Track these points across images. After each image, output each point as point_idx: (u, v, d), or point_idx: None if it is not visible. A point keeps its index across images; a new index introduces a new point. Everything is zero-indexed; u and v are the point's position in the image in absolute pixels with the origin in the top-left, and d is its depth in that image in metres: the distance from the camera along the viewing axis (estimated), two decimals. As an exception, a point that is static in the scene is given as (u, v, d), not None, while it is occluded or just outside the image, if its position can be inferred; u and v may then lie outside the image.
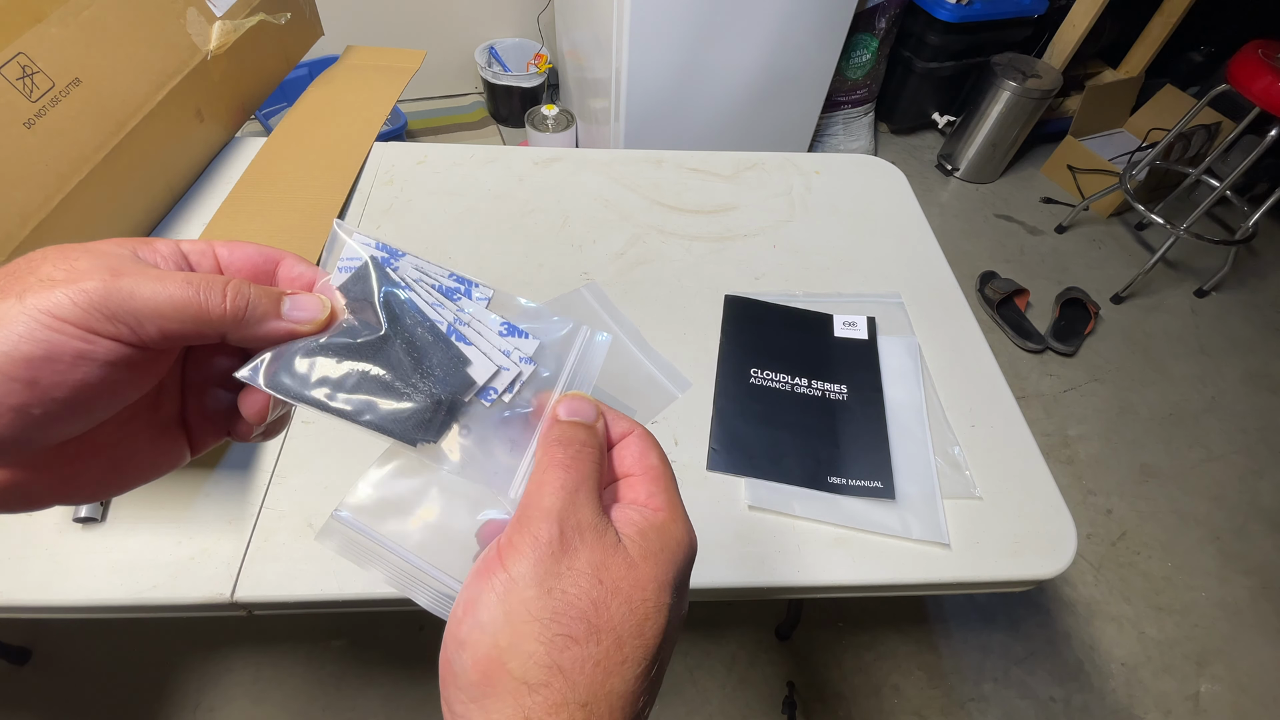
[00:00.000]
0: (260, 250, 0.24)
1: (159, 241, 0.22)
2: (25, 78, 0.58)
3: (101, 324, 0.18)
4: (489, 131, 2.09)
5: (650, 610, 0.19)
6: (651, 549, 0.20)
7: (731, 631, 1.15)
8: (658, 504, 0.22)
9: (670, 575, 0.20)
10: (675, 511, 0.22)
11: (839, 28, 1.67)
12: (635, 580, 0.19)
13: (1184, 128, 1.77)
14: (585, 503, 0.20)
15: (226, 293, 0.20)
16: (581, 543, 0.19)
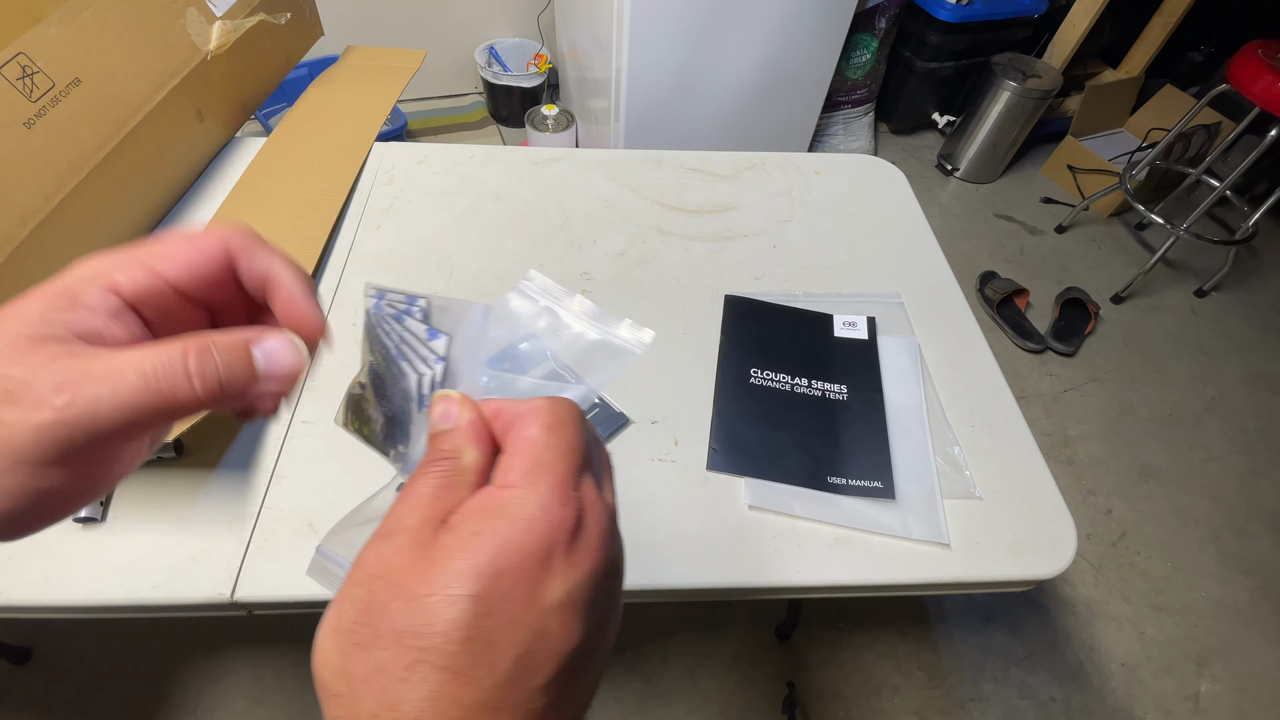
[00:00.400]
0: (204, 252, 0.20)
1: (90, 295, 0.18)
2: (25, 78, 0.58)
3: (80, 456, 0.17)
4: (489, 131, 2.09)
5: (437, 605, 0.16)
6: (463, 534, 0.17)
7: (731, 631, 1.15)
8: (510, 480, 0.18)
9: (470, 566, 0.16)
10: (530, 487, 0.18)
11: (839, 28, 1.67)
12: (423, 574, 0.16)
13: (1184, 128, 1.77)
14: (408, 510, 0.18)
15: (192, 374, 0.17)
16: (385, 545, 0.17)
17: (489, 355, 0.25)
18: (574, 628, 0.17)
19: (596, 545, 0.18)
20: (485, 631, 0.16)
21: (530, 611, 0.16)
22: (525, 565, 0.17)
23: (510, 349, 0.27)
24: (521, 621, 0.16)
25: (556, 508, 0.18)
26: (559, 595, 0.17)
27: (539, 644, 0.16)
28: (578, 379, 0.27)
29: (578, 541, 0.18)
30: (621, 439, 0.61)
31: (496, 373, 0.27)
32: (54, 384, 0.16)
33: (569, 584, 0.17)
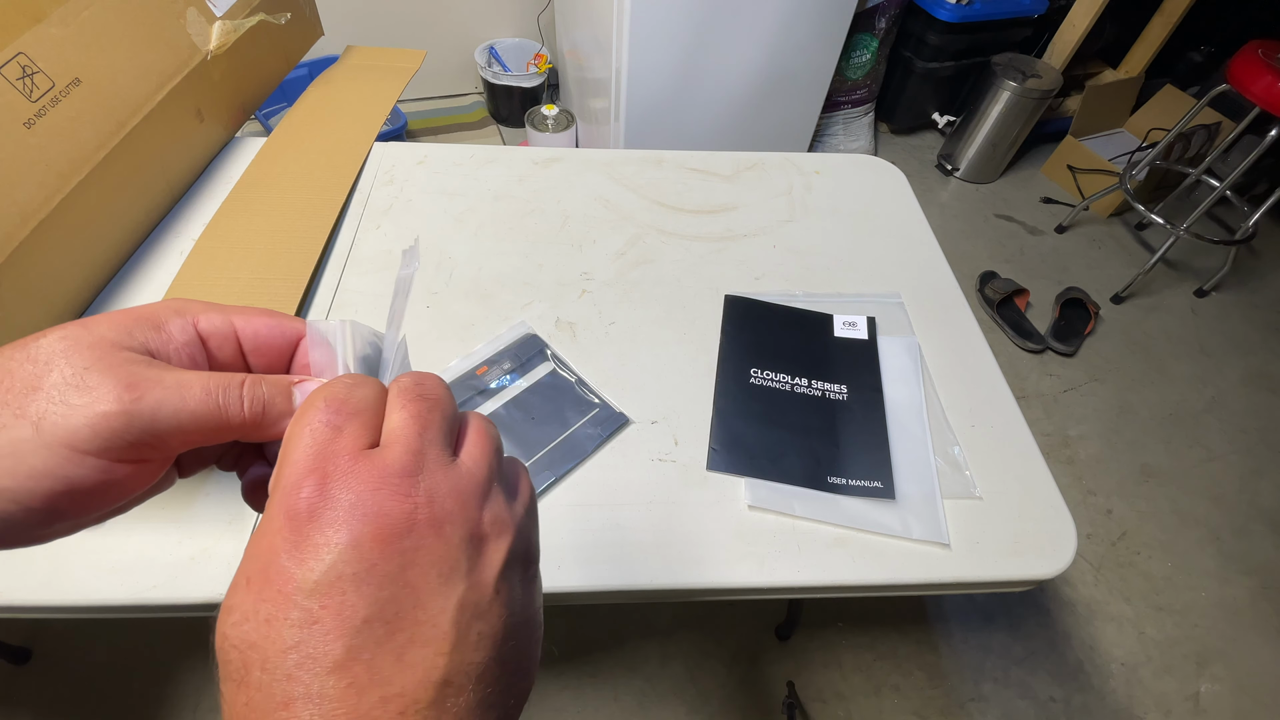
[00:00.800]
0: (278, 325, 0.23)
1: (173, 325, 0.21)
2: (25, 78, 0.58)
3: (124, 452, 0.18)
4: (489, 131, 2.09)
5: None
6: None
7: (731, 631, 1.15)
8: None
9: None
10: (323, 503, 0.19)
11: (839, 28, 1.67)
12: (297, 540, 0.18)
13: (1184, 128, 1.77)
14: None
15: (244, 398, 0.20)
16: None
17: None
18: (509, 530, 0.19)
19: (496, 452, 0.21)
20: (444, 520, 0.18)
21: (470, 507, 0.19)
22: (468, 469, 0.19)
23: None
24: (470, 516, 0.18)
25: (480, 446, 0.21)
26: (493, 510, 0.19)
27: (479, 541, 0.18)
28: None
29: (486, 445, 0.21)
30: (621, 439, 0.61)
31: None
32: (127, 382, 0.18)
33: (495, 497, 0.20)
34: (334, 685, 0.15)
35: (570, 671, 1.09)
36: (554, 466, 0.58)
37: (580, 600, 0.53)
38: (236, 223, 0.73)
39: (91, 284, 0.66)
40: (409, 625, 0.16)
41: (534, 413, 0.61)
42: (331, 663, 0.15)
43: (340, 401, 0.18)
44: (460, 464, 0.19)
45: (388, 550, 0.16)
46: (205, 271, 0.68)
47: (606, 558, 0.53)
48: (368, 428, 0.18)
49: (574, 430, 0.60)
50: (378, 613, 0.16)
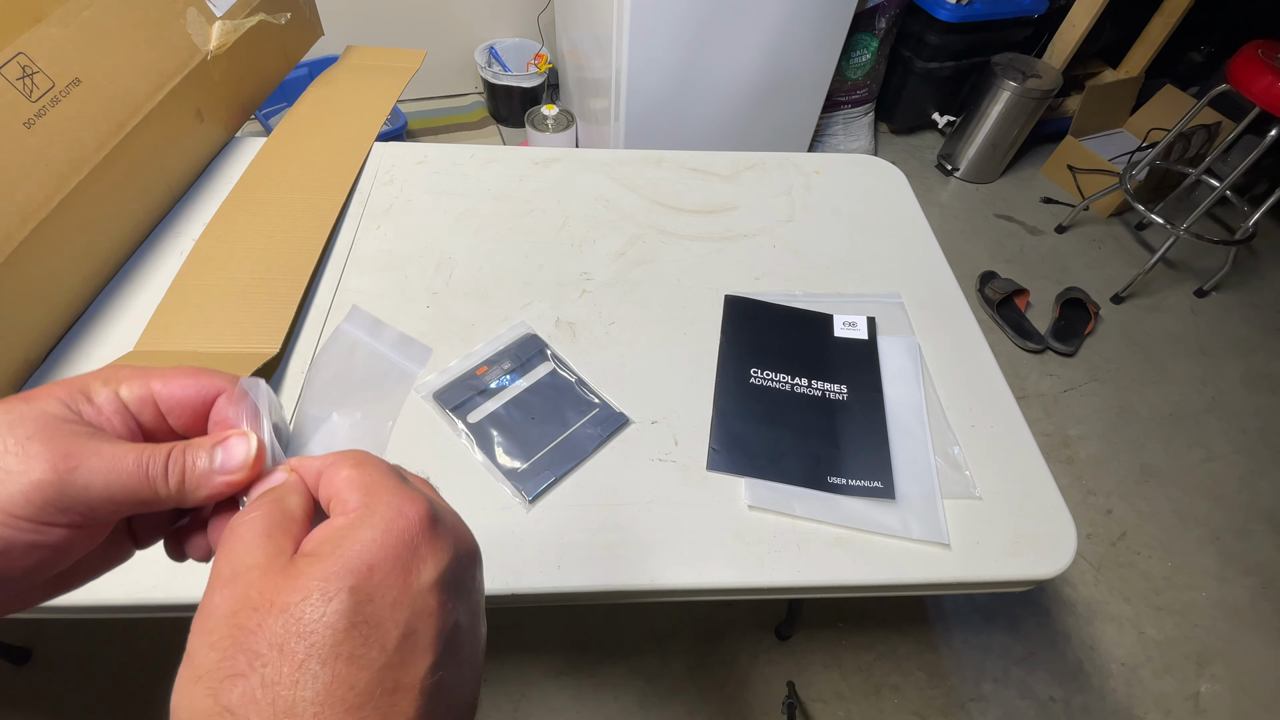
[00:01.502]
0: (194, 384, 0.23)
1: (100, 395, 0.22)
2: (25, 78, 0.58)
3: (55, 516, 0.19)
4: (489, 131, 2.09)
5: (315, 603, 0.16)
6: (324, 552, 0.18)
7: (731, 631, 1.15)
8: (350, 507, 0.20)
9: (341, 567, 0.17)
10: (373, 502, 0.19)
11: (839, 28, 1.67)
12: (292, 585, 0.17)
13: (1184, 128, 1.77)
14: (245, 552, 0.18)
15: (169, 469, 0.21)
16: (233, 587, 0.18)
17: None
18: (450, 605, 0.18)
19: (455, 531, 0.20)
20: (369, 616, 0.17)
21: (408, 593, 0.17)
22: (396, 556, 0.18)
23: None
24: (402, 603, 0.17)
25: (409, 506, 0.19)
26: (432, 575, 0.18)
27: (422, 621, 0.17)
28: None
29: (437, 528, 0.19)
30: (621, 439, 0.61)
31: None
32: (64, 452, 0.19)
33: (439, 565, 0.18)
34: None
35: (570, 671, 1.09)
36: (554, 466, 0.58)
37: (580, 600, 0.53)
38: (236, 223, 0.73)
39: (91, 284, 0.66)
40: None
41: (534, 413, 0.61)
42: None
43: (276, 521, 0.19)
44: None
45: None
46: (205, 271, 0.68)
47: (606, 558, 0.53)
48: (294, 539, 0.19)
49: (574, 430, 0.60)
50: (455, 624, 0.19)
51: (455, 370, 0.64)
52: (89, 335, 0.64)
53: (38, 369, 0.61)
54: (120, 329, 0.65)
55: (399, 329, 0.50)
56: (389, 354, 0.42)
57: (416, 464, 0.58)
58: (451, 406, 0.61)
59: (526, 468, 0.58)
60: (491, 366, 0.64)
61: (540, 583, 0.52)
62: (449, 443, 0.59)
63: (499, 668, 1.08)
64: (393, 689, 0.16)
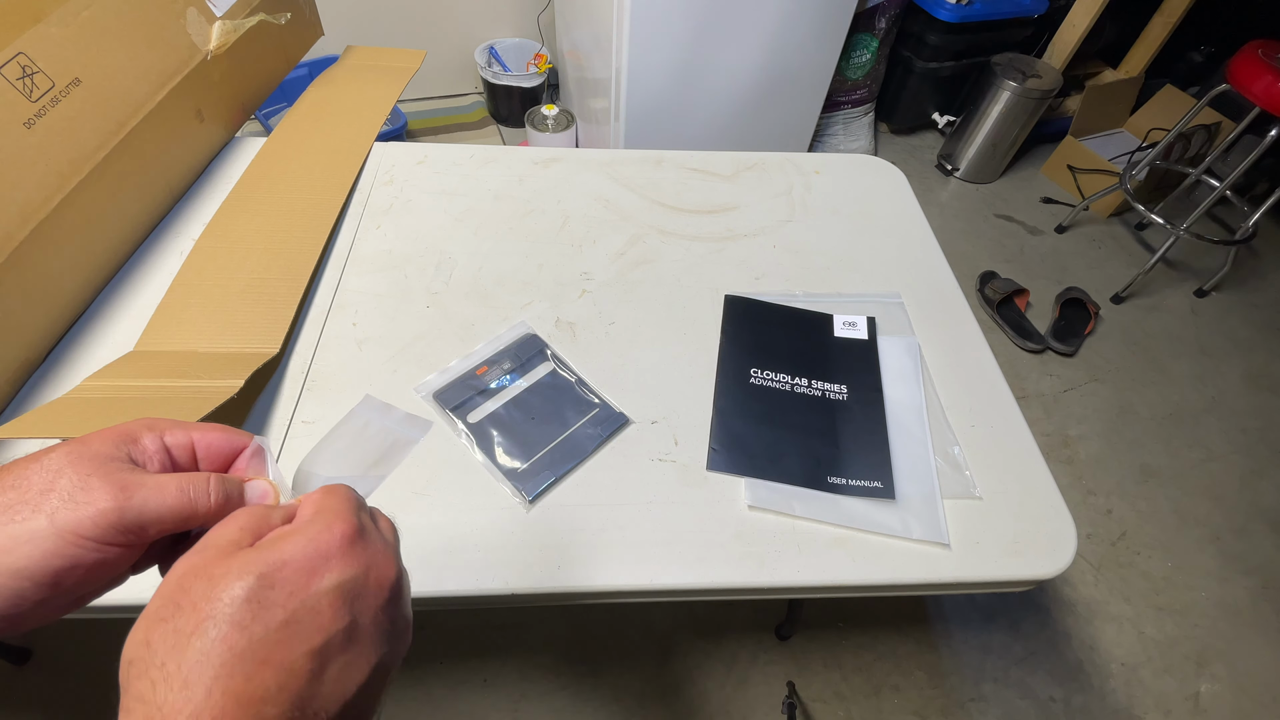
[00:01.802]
0: (226, 438, 0.28)
1: (146, 439, 0.26)
2: (25, 78, 0.58)
3: (115, 537, 0.23)
4: (489, 131, 2.09)
5: (230, 579, 0.21)
6: (261, 545, 0.23)
7: (731, 631, 1.15)
8: (299, 520, 0.24)
9: (260, 558, 0.22)
10: (309, 523, 0.24)
11: (839, 28, 1.67)
12: (224, 564, 0.21)
13: (1184, 128, 1.77)
14: (219, 535, 0.23)
15: (210, 494, 0.26)
16: (196, 556, 0.22)
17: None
18: (343, 611, 0.22)
19: (374, 556, 0.24)
20: (264, 598, 0.20)
21: (305, 589, 0.21)
22: (307, 559, 0.22)
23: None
24: (296, 595, 0.21)
25: (338, 524, 0.23)
26: (332, 582, 0.22)
27: (309, 616, 0.21)
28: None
29: (354, 548, 0.23)
30: (621, 439, 0.61)
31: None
32: (120, 485, 0.24)
33: (342, 575, 0.22)
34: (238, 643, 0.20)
35: (570, 671, 1.09)
36: (554, 466, 0.58)
37: (580, 600, 0.53)
38: (236, 223, 0.73)
39: (91, 284, 0.67)
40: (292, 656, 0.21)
41: (534, 413, 0.61)
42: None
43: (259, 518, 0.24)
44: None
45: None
46: (205, 271, 0.68)
47: (606, 558, 0.53)
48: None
49: (574, 430, 0.60)
50: (346, 627, 0.22)
51: (455, 370, 0.64)
52: (89, 335, 0.64)
53: (38, 369, 0.61)
54: (120, 329, 0.65)
55: (404, 409, 0.61)
56: (395, 429, 0.55)
57: (418, 464, 0.58)
58: (451, 406, 0.61)
59: (526, 468, 0.58)
60: (491, 366, 0.64)
61: (540, 583, 0.52)
62: (449, 443, 0.59)
63: (499, 668, 1.08)
64: (263, 660, 0.19)
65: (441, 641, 1.10)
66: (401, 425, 0.56)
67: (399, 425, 0.56)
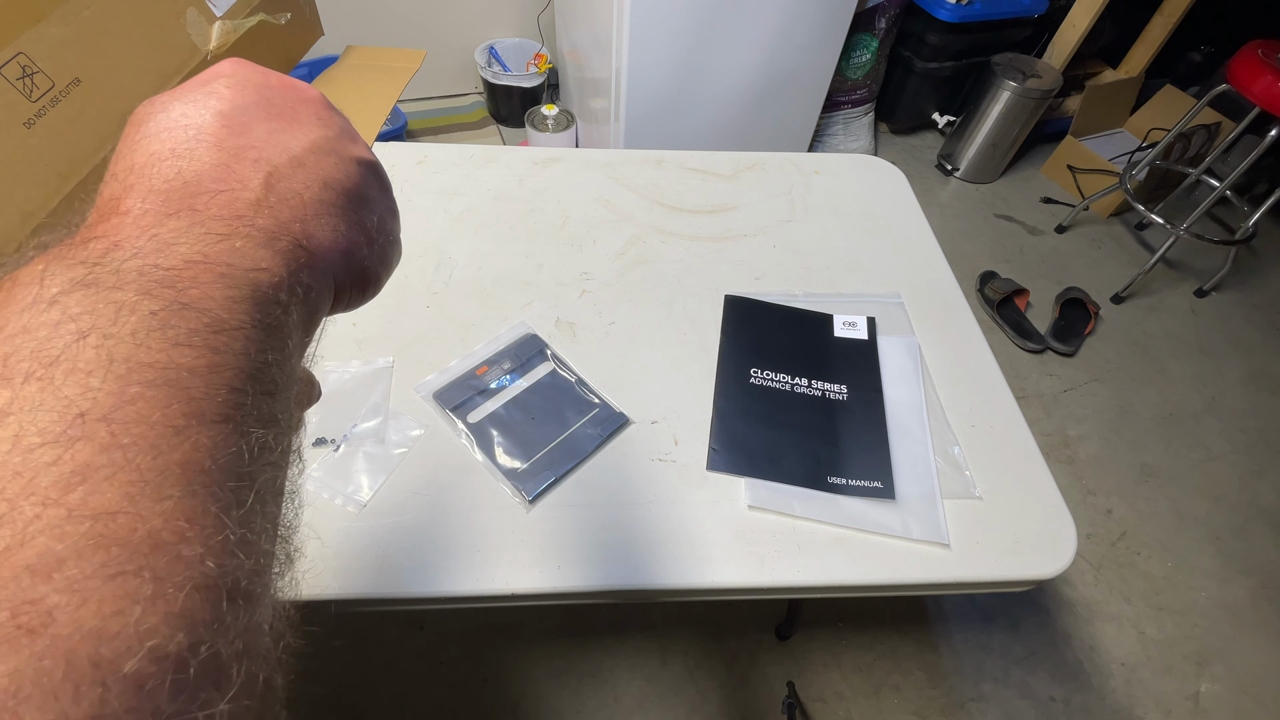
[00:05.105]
0: None
1: None
2: (25, 78, 0.58)
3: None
4: (489, 131, 2.09)
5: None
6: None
7: (731, 631, 1.15)
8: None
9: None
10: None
11: (839, 28, 1.67)
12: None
13: (1184, 128, 1.77)
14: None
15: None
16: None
17: None
18: (321, 103, 0.23)
19: (342, 126, 0.24)
20: (241, 74, 0.21)
21: (284, 81, 0.22)
22: (279, 75, 0.23)
23: None
24: (274, 80, 0.22)
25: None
26: (308, 90, 0.23)
27: (286, 89, 0.22)
28: None
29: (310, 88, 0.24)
30: (621, 439, 0.61)
31: None
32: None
33: (312, 91, 0.23)
34: (214, 130, 0.19)
35: (570, 671, 1.09)
36: (554, 466, 0.58)
37: (580, 600, 0.53)
38: (236, 223, 0.73)
39: (91, 284, 0.66)
40: (284, 119, 0.21)
41: (534, 413, 0.61)
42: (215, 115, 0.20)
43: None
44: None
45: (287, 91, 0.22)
46: (205, 271, 0.68)
47: (606, 558, 0.53)
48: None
49: (574, 430, 0.60)
50: (261, 101, 0.21)
51: (455, 370, 0.64)
52: (89, 335, 0.64)
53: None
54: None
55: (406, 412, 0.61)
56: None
57: (418, 464, 0.58)
58: (451, 406, 0.61)
59: (526, 468, 0.58)
60: (491, 366, 0.64)
61: (540, 583, 0.52)
62: (449, 443, 0.59)
63: (499, 668, 1.08)
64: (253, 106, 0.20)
65: (441, 641, 1.10)
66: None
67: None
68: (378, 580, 0.51)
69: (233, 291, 0.16)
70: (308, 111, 0.22)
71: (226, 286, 0.16)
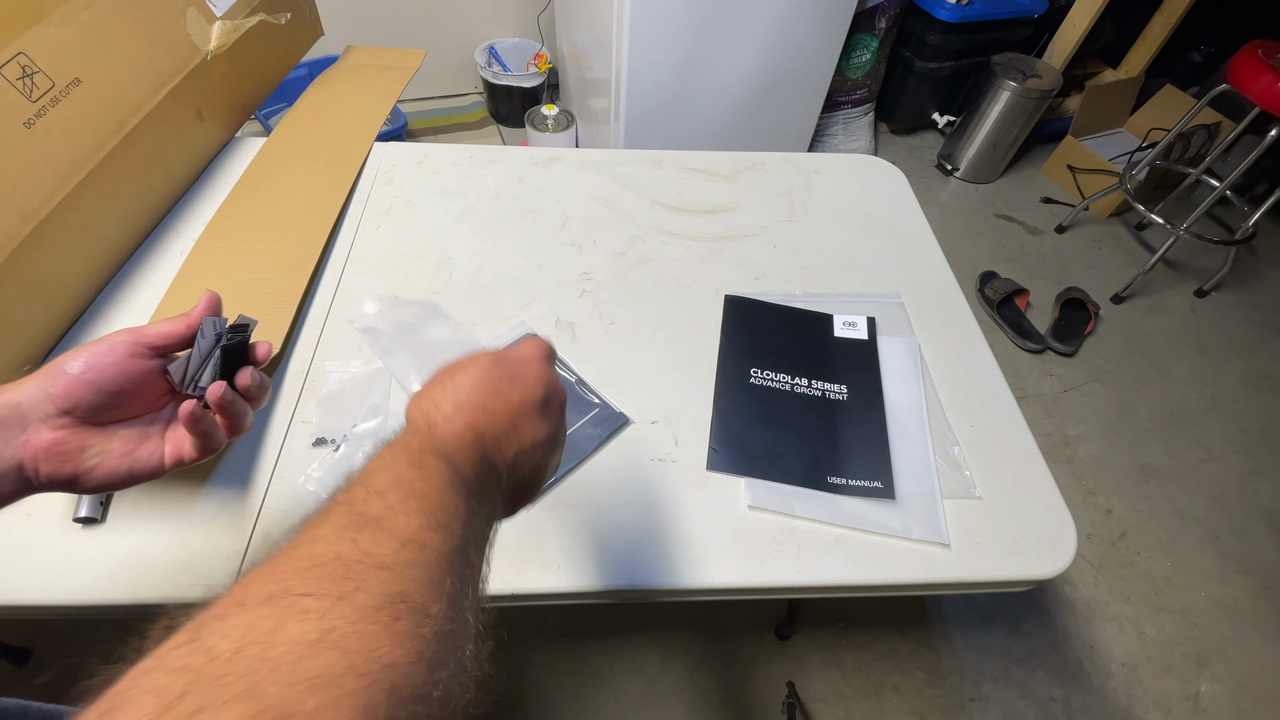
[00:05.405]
0: (181, 318, 0.40)
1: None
2: (25, 78, 0.58)
3: (141, 351, 0.37)
4: (489, 131, 2.09)
5: (475, 360, 0.33)
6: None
7: (731, 631, 1.15)
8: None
9: (495, 353, 0.34)
10: (520, 344, 0.36)
11: (839, 28, 1.67)
12: (462, 361, 0.34)
13: (1184, 128, 1.77)
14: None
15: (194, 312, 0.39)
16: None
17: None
18: (540, 385, 0.33)
19: (553, 371, 0.35)
20: (501, 359, 0.33)
21: (524, 365, 0.33)
22: (526, 353, 0.35)
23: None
24: (518, 366, 0.33)
25: (538, 347, 0.36)
26: (538, 369, 0.34)
27: (522, 378, 0.32)
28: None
29: (545, 364, 0.35)
30: (621, 439, 0.61)
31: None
32: (135, 338, 0.38)
33: (541, 369, 0.34)
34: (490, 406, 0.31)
35: (570, 671, 1.09)
36: (554, 466, 0.58)
37: (580, 600, 0.53)
38: (236, 223, 0.73)
39: (91, 284, 0.67)
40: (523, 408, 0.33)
41: (534, 413, 0.61)
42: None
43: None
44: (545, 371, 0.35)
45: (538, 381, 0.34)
46: (205, 271, 0.68)
47: (606, 558, 0.53)
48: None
49: (574, 430, 0.60)
50: (542, 399, 0.33)
51: (455, 370, 0.64)
52: (89, 335, 0.64)
53: (38, 368, 0.61)
54: (120, 328, 0.65)
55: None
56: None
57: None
58: (451, 406, 0.61)
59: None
60: (491, 366, 0.64)
61: (540, 583, 0.52)
62: (449, 443, 0.59)
63: (499, 668, 1.08)
64: (493, 389, 0.31)
65: (441, 641, 1.10)
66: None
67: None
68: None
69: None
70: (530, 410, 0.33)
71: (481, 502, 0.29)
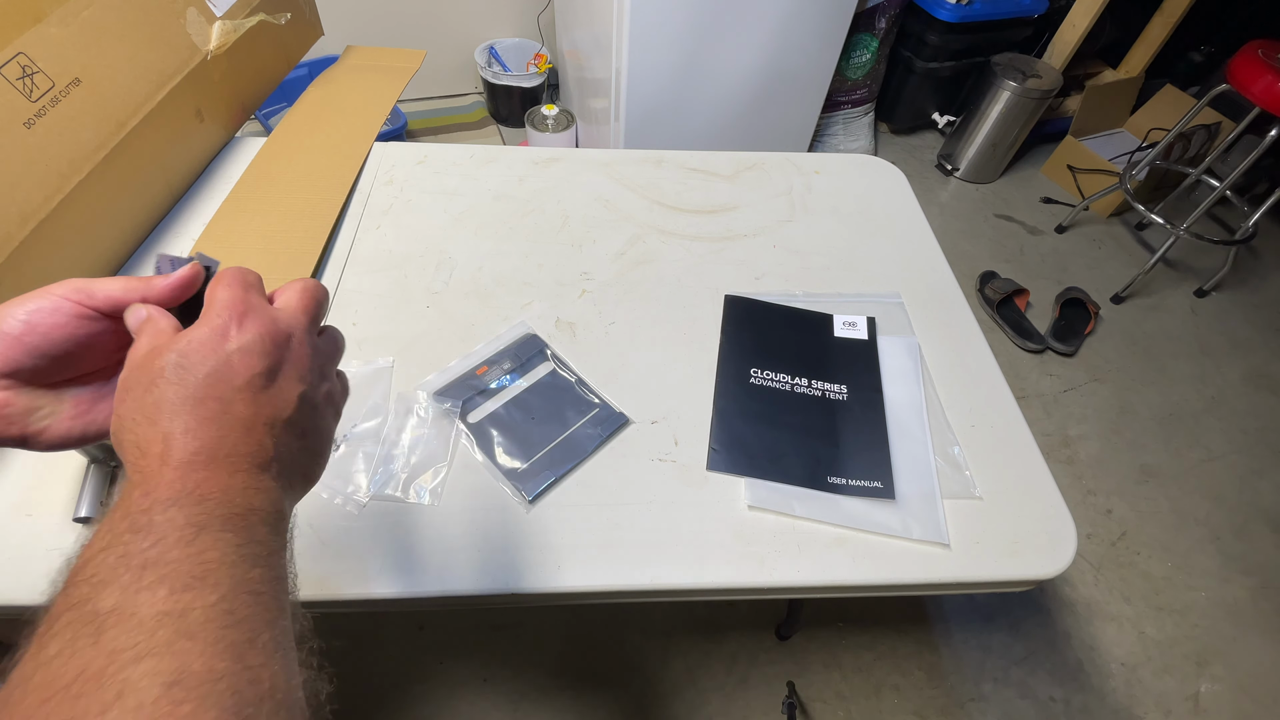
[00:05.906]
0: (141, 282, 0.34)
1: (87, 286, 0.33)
2: (25, 78, 0.58)
3: (84, 302, 0.31)
4: (489, 131, 2.09)
5: (161, 358, 0.28)
6: (178, 335, 0.30)
7: (731, 631, 1.15)
8: (205, 316, 0.30)
9: (182, 341, 0.28)
10: (205, 317, 0.30)
11: (839, 28, 1.67)
12: (155, 353, 0.28)
13: (1184, 128, 1.77)
14: (142, 343, 0.30)
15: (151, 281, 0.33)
16: (133, 352, 0.30)
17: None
18: (253, 360, 0.28)
19: (263, 323, 0.30)
20: (185, 363, 0.27)
21: (216, 353, 0.28)
22: (211, 335, 0.28)
23: None
24: (209, 358, 0.28)
25: (225, 310, 0.29)
26: (235, 345, 0.28)
27: (225, 367, 0.28)
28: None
29: (245, 321, 0.29)
30: (621, 439, 0.61)
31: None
32: (78, 284, 0.31)
33: (241, 341, 0.28)
34: (239, 396, 0.28)
35: (570, 671, 1.09)
36: (554, 466, 0.58)
37: (580, 600, 0.53)
38: (236, 223, 0.73)
39: (91, 284, 0.66)
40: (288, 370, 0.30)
41: (534, 413, 0.61)
42: (239, 384, 0.28)
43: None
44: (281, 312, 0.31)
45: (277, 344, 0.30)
46: (205, 271, 0.68)
47: (606, 558, 0.53)
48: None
49: (574, 430, 0.60)
50: (265, 369, 0.29)
51: (455, 370, 0.64)
52: (89, 335, 0.64)
53: None
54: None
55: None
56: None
57: (423, 465, 0.58)
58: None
59: (526, 468, 0.58)
60: (491, 366, 0.64)
61: (540, 583, 0.52)
62: (449, 443, 0.59)
63: (499, 668, 1.08)
64: (201, 399, 0.27)
65: (441, 641, 1.10)
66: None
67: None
68: (378, 580, 0.51)
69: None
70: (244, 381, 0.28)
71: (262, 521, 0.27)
